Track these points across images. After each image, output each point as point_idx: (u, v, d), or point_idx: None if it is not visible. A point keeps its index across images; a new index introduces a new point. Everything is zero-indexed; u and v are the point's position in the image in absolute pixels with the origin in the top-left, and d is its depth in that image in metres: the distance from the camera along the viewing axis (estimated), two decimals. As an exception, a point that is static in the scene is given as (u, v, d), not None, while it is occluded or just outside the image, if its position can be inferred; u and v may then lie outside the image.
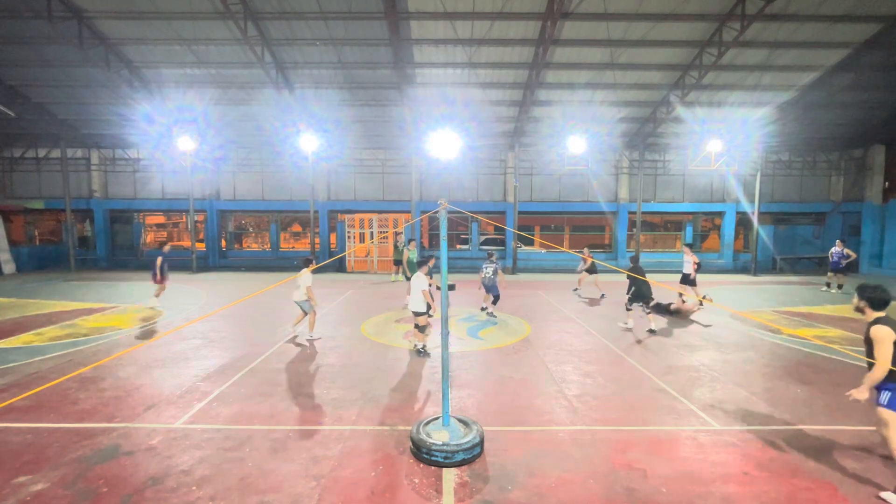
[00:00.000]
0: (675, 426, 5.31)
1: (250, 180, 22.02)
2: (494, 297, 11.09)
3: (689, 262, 12.12)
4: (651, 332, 9.56)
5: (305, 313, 8.92)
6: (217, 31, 14.37)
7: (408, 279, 12.02)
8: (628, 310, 9.90)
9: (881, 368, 3.93)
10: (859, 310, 4.25)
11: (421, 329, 8.01)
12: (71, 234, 20.64)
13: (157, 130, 18.29)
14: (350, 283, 16.63)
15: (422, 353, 7.92)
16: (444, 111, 17.41)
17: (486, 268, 11.06)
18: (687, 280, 12.21)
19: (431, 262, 9.05)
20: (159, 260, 12.04)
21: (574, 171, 21.35)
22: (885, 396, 4.04)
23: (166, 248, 12.89)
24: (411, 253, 13.44)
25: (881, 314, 4.08)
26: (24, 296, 13.62)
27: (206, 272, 20.07)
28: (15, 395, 5.95)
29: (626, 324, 9.98)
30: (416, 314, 7.99)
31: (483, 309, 11.41)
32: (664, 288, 12.93)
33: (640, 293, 9.58)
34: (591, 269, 14.23)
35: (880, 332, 3.96)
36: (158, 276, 12.01)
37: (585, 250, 14.47)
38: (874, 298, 4.10)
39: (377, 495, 3.96)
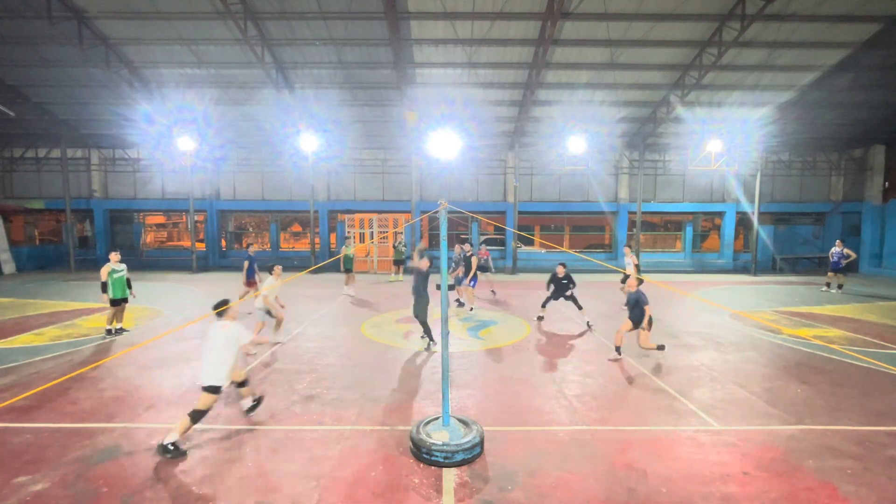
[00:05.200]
0: (675, 426, 5.31)
1: (250, 180, 22.01)
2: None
3: (629, 262, 12.33)
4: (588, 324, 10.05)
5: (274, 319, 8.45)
6: (217, 31, 14.37)
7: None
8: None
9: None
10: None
11: (195, 416, 4.66)
12: (71, 234, 20.63)
13: (157, 130, 18.28)
14: (350, 283, 16.61)
15: (171, 451, 4.50)
16: (444, 111, 17.40)
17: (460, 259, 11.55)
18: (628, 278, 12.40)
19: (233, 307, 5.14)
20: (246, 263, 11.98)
21: (574, 171, 21.36)
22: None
23: (253, 249, 12.84)
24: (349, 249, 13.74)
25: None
26: (24, 296, 13.61)
27: (206, 272, 20.07)
28: (15, 395, 5.95)
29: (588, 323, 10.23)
30: (207, 389, 4.72)
31: (463, 305, 11.67)
32: (662, 287, 12.91)
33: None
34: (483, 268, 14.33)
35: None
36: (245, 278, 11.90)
37: (482, 247, 14.39)
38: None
39: (377, 495, 3.96)
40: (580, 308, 10.03)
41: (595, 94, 17.16)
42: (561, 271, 9.96)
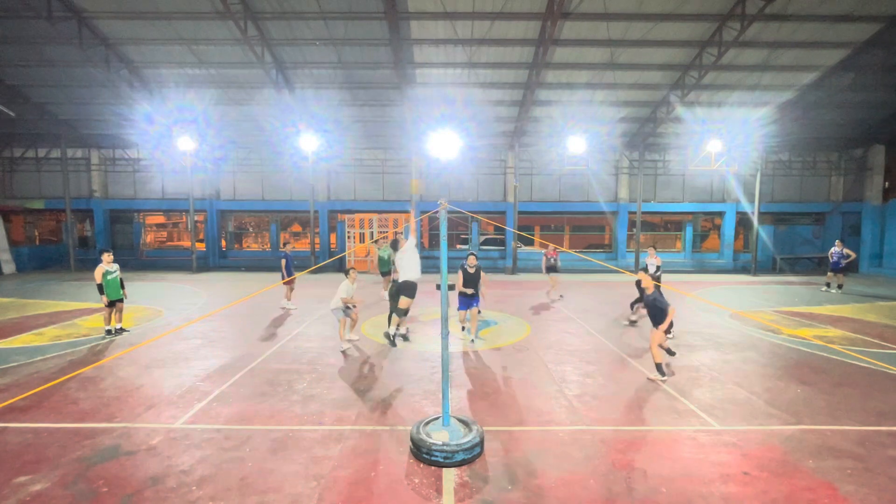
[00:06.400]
0: (675, 426, 5.31)
1: (250, 180, 22.02)
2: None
3: (653, 263, 12.05)
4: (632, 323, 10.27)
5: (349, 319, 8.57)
6: (217, 31, 14.38)
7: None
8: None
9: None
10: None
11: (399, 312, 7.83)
12: (71, 234, 20.65)
13: (157, 130, 18.30)
14: (350, 283, 16.62)
15: (391, 339, 7.83)
16: (444, 111, 17.41)
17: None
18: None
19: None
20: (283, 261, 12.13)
21: (574, 171, 21.37)
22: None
23: (289, 247, 12.89)
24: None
25: None
26: (24, 296, 13.61)
27: (206, 272, 20.07)
28: (15, 395, 5.95)
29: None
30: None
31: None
32: (663, 287, 12.91)
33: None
34: (552, 268, 13.76)
35: None
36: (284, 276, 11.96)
37: (550, 247, 13.80)
38: None
39: (377, 495, 3.96)
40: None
41: (595, 94, 17.17)
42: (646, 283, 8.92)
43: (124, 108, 17.72)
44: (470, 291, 8.78)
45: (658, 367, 6.77)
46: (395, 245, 8.14)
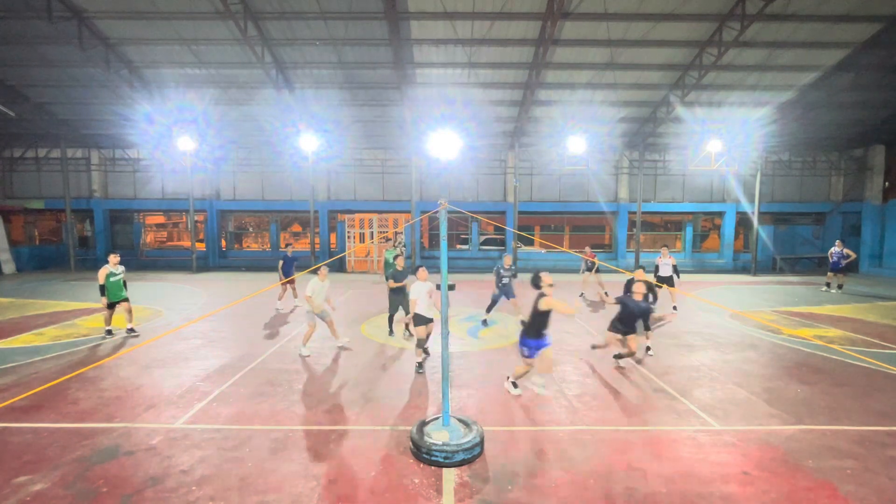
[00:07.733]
0: (675, 426, 5.31)
1: (250, 180, 22.02)
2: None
3: (667, 263, 12.01)
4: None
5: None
6: (217, 31, 14.37)
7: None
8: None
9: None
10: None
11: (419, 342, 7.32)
12: (71, 234, 20.65)
13: (157, 130, 18.28)
14: (350, 284, 16.63)
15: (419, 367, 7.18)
16: (444, 111, 17.40)
17: (503, 273, 10.22)
18: (666, 281, 12.08)
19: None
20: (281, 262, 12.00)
21: (574, 171, 21.37)
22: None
23: (290, 249, 12.60)
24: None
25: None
26: (24, 296, 13.61)
27: (206, 272, 20.07)
28: (15, 395, 5.95)
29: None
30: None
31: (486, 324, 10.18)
32: (663, 287, 12.90)
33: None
34: (592, 268, 14.18)
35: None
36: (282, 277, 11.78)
37: (587, 249, 14.32)
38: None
39: (377, 495, 3.96)
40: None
41: (595, 94, 17.16)
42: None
43: (124, 108, 17.72)
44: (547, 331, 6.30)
45: (618, 355, 7.45)
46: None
